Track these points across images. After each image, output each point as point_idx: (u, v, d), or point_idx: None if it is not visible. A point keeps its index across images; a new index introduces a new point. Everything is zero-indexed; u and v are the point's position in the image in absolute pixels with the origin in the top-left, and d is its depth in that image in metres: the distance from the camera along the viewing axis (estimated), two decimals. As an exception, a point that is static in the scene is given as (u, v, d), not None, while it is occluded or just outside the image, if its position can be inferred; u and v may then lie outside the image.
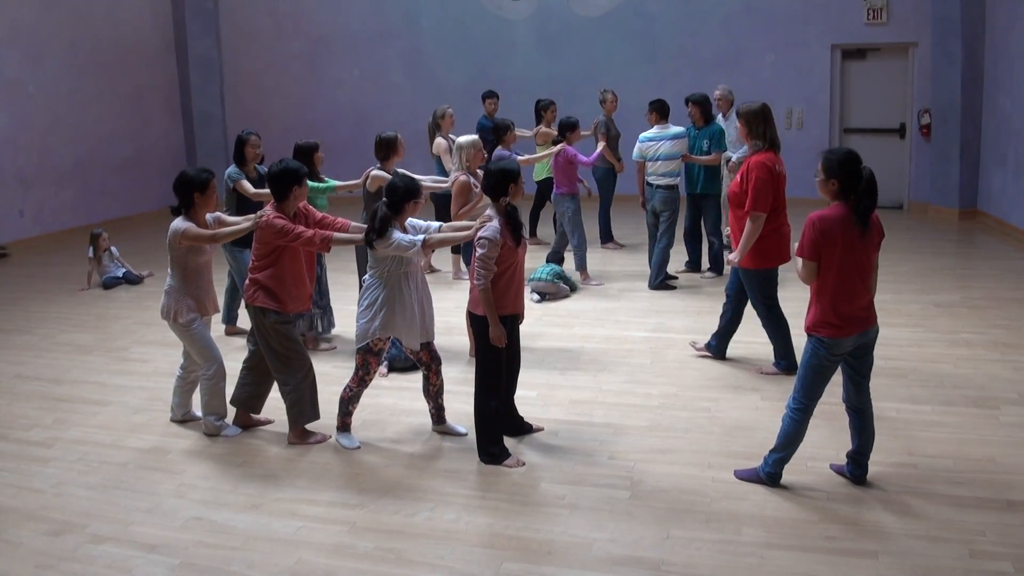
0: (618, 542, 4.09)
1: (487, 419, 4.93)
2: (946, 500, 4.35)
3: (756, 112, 5.95)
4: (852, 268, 4.22)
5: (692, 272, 9.14)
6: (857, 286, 4.25)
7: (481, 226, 4.79)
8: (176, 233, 5.17)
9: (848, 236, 4.20)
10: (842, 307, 4.21)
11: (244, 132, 7.20)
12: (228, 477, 4.91)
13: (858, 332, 4.26)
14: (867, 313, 4.30)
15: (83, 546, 4.22)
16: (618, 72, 13.10)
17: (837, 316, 4.22)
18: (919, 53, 12.21)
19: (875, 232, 4.32)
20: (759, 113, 5.95)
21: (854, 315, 4.24)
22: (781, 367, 6.16)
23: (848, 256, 4.21)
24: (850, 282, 4.22)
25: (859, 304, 4.25)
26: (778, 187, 5.95)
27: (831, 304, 4.22)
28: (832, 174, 4.27)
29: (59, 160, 12.41)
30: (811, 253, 4.22)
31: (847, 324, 4.22)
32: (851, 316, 4.23)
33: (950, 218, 11.73)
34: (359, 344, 5.09)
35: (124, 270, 9.65)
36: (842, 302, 4.21)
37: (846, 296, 4.22)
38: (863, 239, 4.24)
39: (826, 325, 4.23)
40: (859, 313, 4.25)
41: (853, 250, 4.22)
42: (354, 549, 4.12)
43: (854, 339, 4.26)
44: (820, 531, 4.11)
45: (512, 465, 4.87)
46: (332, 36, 14.66)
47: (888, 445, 4.97)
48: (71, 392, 6.35)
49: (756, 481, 4.56)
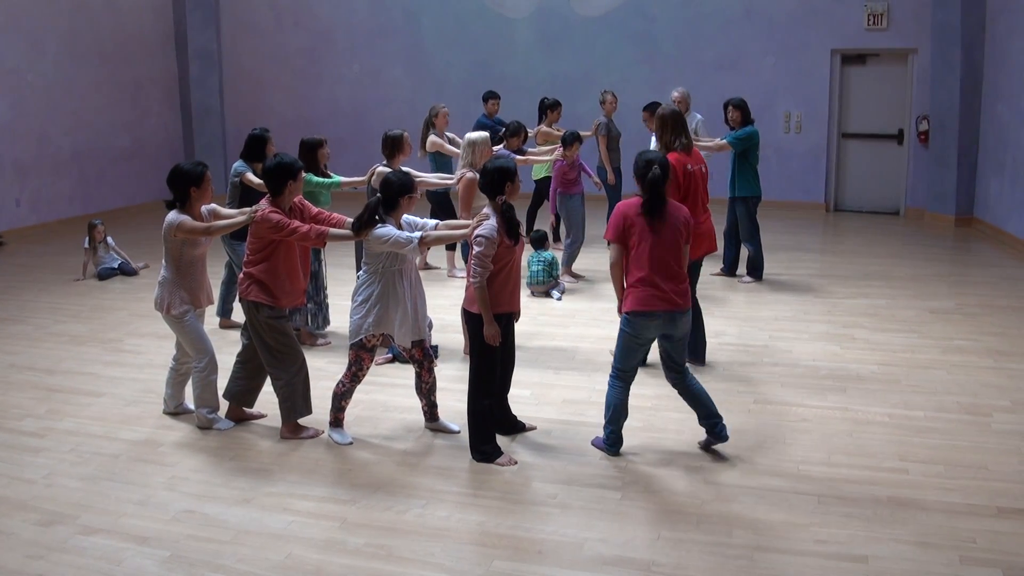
0: (609, 542, 4.09)
1: (480, 417, 4.92)
2: (937, 506, 4.35)
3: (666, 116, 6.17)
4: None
5: (728, 276, 8.99)
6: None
7: (478, 224, 4.78)
8: (171, 225, 5.15)
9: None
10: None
11: (261, 130, 6.98)
12: (220, 471, 4.91)
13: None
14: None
15: (74, 537, 4.21)
16: (618, 73, 13.11)
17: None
18: (919, 59, 12.22)
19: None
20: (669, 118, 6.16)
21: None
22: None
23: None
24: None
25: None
26: (689, 185, 5.98)
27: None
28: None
29: (57, 149, 12.38)
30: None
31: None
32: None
33: (946, 225, 11.74)
34: (352, 340, 5.09)
35: (120, 261, 9.63)
36: None
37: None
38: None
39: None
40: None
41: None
42: (345, 545, 4.11)
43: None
44: (811, 535, 4.11)
45: (504, 463, 4.87)
46: (333, 31, 14.64)
47: (880, 451, 4.98)
48: (64, 383, 6.34)
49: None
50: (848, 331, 7.20)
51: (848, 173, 13.09)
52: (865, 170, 12.95)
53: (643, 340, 4.86)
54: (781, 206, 12.88)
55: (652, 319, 4.73)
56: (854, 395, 5.83)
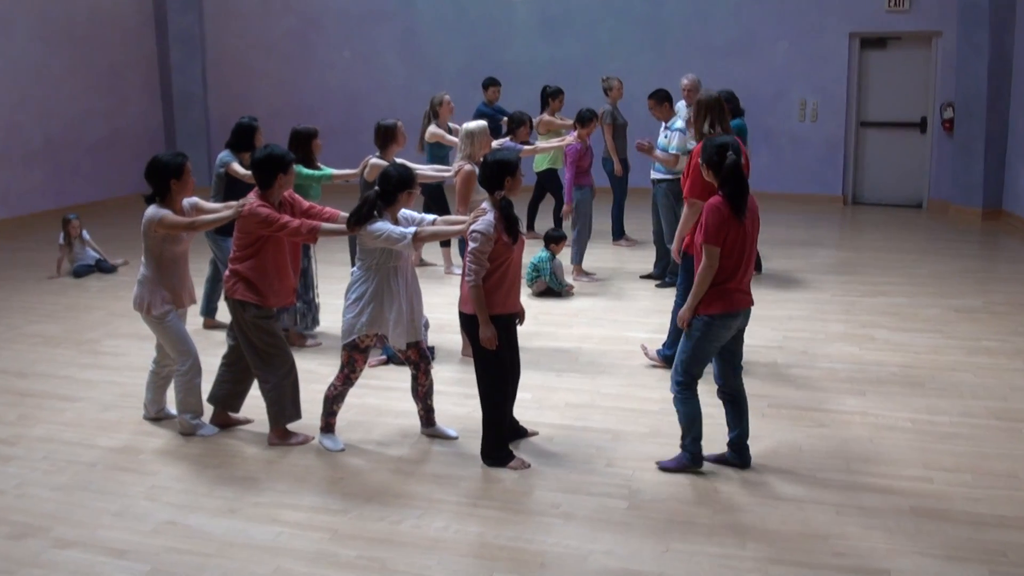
0: (614, 554, 4.09)
1: (496, 426, 4.94)
2: (964, 517, 4.35)
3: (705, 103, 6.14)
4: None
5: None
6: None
7: (475, 219, 4.78)
8: (151, 220, 5.14)
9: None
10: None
11: (250, 119, 7.00)
12: (203, 479, 4.90)
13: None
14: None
15: (47, 551, 4.20)
16: (623, 58, 13.10)
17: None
18: (943, 43, 12.22)
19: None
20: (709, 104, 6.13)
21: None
22: (661, 355, 6.42)
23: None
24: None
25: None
26: None
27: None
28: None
29: (28, 139, 12.37)
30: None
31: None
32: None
33: (972, 218, 11.74)
34: (345, 340, 5.09)
35: (97, 257, 9.63)
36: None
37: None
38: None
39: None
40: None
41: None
42: (336, 557, 4.11)
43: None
44: (828, 547, 4.11)
45: (517, 467, 4.90)
46: (322, 14, 14.63)
47: (903, 458, 4.99)
48: (37, 387, 6.33)
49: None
50: (867, 331, 7.21)
51: (867, 164, 13.09)
52: (885, 161, 12.95)
53: (722, 341, 4.73)
54: (796, 199, 12.89)
55: (735, 319, 4.68)
56: (874, 399, 5.83)
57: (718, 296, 4.59)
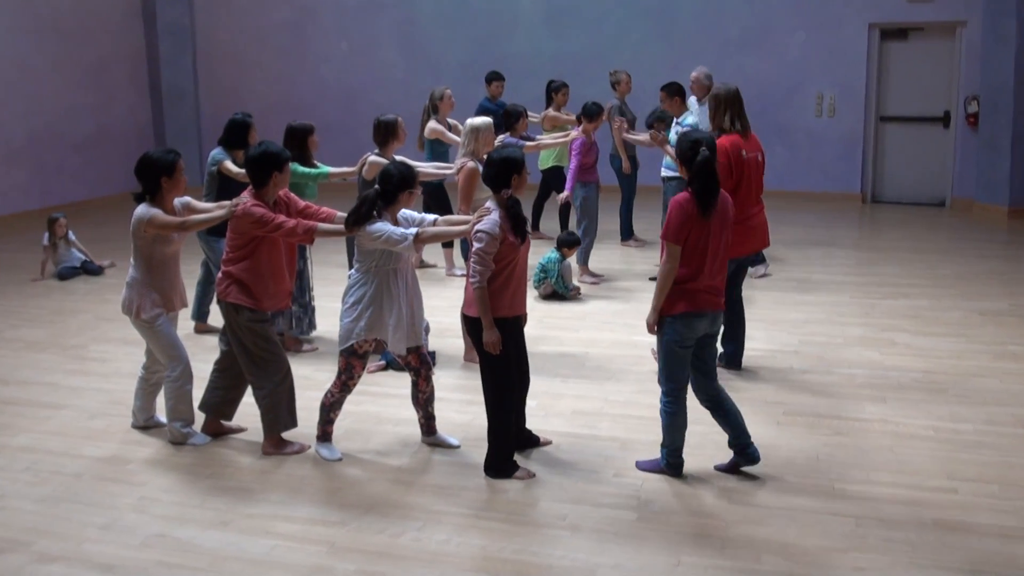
0: (623, 568, 4.09)
1: (503, 437, 4.94)
2: (990, 530, 4.35)
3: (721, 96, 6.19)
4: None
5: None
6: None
7: (479, 219, 4.79)
8: (141, 220, 5.16)
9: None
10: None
11: (243, 115, 7.04)
12: (195, 490, 4.91)
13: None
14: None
15: (29, 566, 4.21)
16: (631, 51, 13.11)
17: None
18: (968, 33, 12.22)
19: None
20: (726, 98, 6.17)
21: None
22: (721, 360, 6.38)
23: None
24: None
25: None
26: (743, 173, 6.01)
27: None
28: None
29: (10, 136, 12.40)
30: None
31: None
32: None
33: (998, 217, 11.73)
34: (342, 345, 5.10)
35: (83, 259, 9.65)
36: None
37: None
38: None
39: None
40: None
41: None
42: (333, 571, 4.12)
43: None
44: (848, 561, 4.11)
45: (523, 477, 4.92)
46: (318, 5, 14.66)
47: (925, 467, 4.98)
48: (20, 394, 6.35)
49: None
50: (888, 335, 7.20)
51: (887, 160, 13.09)
52: (906, 157, 12.94)
53: (689, 343, 4.78)
54: (813, 197, 12.89)
55: (701, 319, 4.74)
56: (895, 406, 5.83)
57: (680, 296, 4.68)
